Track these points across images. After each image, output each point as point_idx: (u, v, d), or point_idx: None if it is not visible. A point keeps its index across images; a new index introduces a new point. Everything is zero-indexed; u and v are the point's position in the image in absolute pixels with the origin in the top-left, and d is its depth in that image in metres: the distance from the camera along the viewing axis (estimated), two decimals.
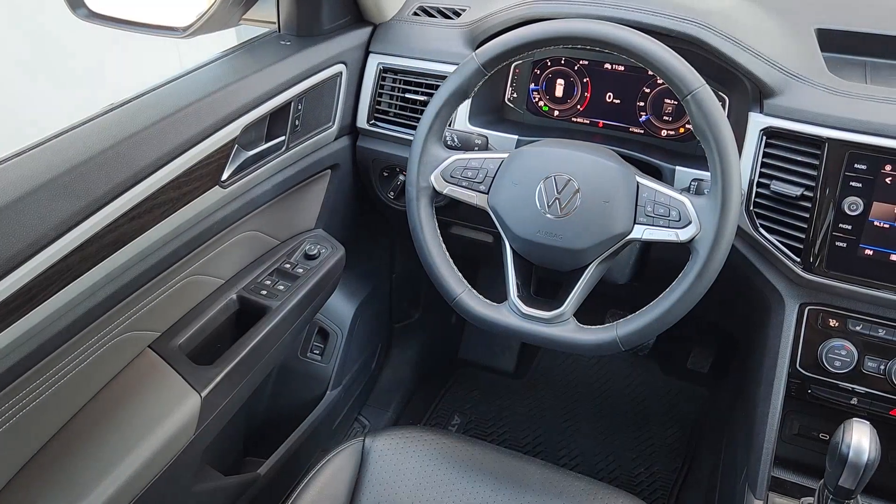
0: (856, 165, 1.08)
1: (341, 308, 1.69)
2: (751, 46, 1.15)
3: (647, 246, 1.33)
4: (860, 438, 0.97)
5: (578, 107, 1.37)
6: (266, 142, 1.23)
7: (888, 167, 1.07)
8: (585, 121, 1.38)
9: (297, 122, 1.28)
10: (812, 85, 1.14)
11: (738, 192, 1.00)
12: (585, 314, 1.15)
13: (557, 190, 1.07)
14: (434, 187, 1.14)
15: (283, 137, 1.25)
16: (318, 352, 1.67)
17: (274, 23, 1.36)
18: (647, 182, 1.06)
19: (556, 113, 1.39)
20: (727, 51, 1.14)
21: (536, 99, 1.40)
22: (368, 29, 1.42)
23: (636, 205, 1.05)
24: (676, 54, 1.01)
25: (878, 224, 1.09)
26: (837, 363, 1.15)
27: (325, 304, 1.52)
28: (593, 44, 1.04)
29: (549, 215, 1.07)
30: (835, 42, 1.25)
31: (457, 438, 1.25)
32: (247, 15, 1.35)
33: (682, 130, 1.32)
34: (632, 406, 2.04)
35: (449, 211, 1.38)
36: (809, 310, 1.17)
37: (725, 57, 1.15)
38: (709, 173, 1.01)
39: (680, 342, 2.06)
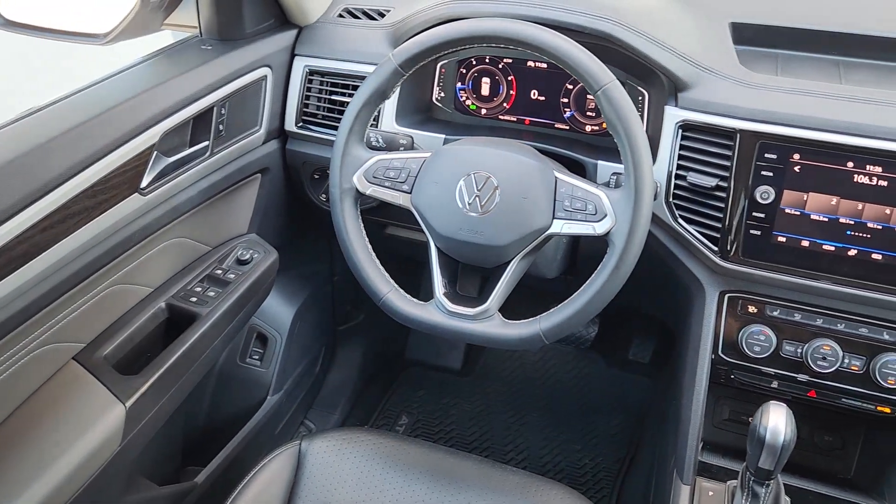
0: (766, 155, 1.11)
1: (280, 312, 1.68)
2: (663, 42, 1.18)
3: (576, 240, 1.35)
4: (777, 420, 1.00)
5: (505, 105, 1.39)
6: (189, 147, 1.22)
7: (796, 156, 1.10)
8: (512, 118, 1.39)
9: (220, 127, 1.27)
10: (724, 78, 1.17)
11: (651, 184, 1.02)
12: (525, 309, 1.16)
13: (477, 187, 1.08)
14: (357, 188, 1.14)
15: (206, 143, 1.24)
16: (257, 357, 1.66)
17: (196, 27, 1.35)
18: (564, 177, 1.08)
19: (484, 111, 1.40)
20: (640, 46, 1.17)
21: (464, 98, 1.41)
22: (294, 32, 1.41)
23: (554, 200, 1.07)
24: (586, 50, 1.03)
25: (789, 211, 1.12)
26: (757, 348, 1.19)
27: (263, 308, 1.52)
28: (506, 42, 1.05)
29: (470, 213, 1.08)
30: (748, 35, 1.28)
31: (394, 438, 1.25)
32: (169, 20, 1.34)
33: (604, 126, 1.34)
34: (577, 398, 2.07)
35: (383, 212, 1.38)
36: (729, 297, 1.20)
37: (639, 52, 1.17)
38: None
39: (621, 333, 2.10)
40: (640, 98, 1.28)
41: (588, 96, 1.33)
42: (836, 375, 1.16)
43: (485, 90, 1.39)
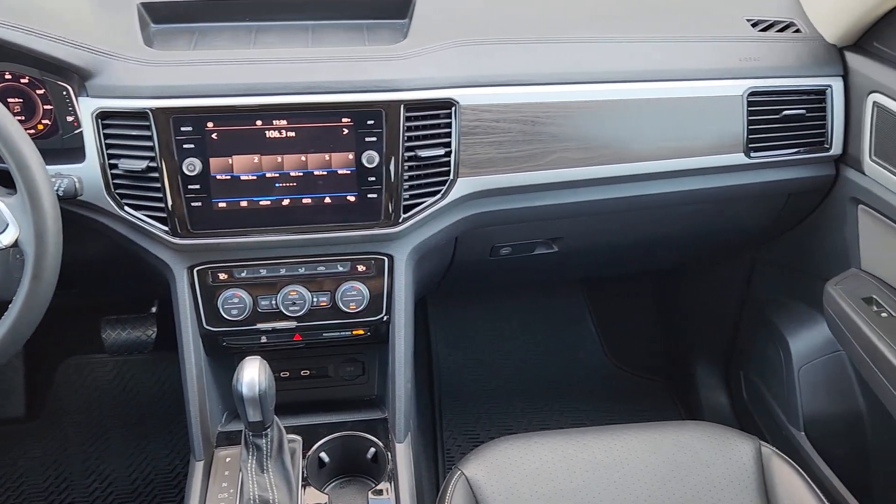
0: (182, 128, 1.13)
1: None
2: (48, 32, 1.12)
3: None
4: (251, 374, 1.04)
5: None
6: None
7: (211, 124, 1.14)
8: None
9: None
10: (127, 60, 1.15)
11: (45, 180, 0.97)
12: None
13: None
14: None
15: None
16: None
17: None
18: None
19: None
20: (19, 40, 1.10)
21: None
22: None
23: None
24: None
25: (220, 178, 1.16)
26: (235, 311, 1.23)
27: None
28: None
29: None
30: (163, 14, 1.28)
31: None
32: None
33: (40, 127, 1.24)
34: (161, 403, 2.01)
35: None
36: (198, 270, 1.22)
37: (19, 46, 1.10)
38: None
39: None
40: (64, 93, 1.21)
41: None
42: (310, 315, 1.26)
43: None
